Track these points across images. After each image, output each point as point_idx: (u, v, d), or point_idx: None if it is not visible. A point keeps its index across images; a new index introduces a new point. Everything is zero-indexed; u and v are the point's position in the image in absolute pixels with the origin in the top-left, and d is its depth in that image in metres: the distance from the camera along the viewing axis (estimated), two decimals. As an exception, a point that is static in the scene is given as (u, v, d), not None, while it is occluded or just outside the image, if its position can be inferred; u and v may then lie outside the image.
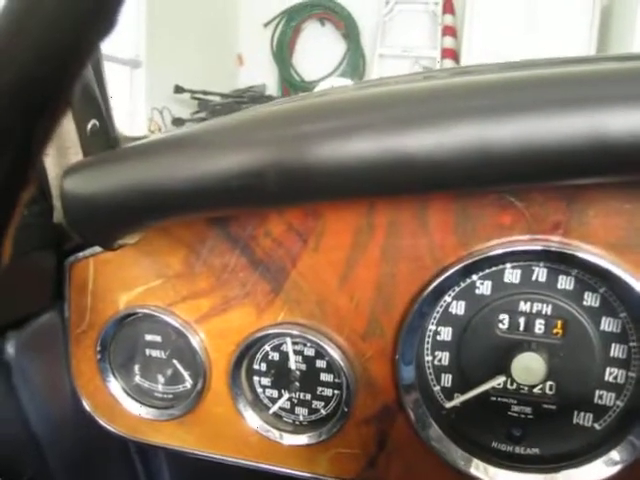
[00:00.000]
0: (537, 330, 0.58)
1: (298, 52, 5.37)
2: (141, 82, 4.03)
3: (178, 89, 4.18)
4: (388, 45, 4.92)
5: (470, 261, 0.57)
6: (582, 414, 0.60)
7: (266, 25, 5.31)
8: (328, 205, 0.59)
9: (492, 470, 0.62)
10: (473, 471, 0.62)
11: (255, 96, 4.67)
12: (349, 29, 5.10)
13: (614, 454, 0.59)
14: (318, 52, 5.24)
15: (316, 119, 0.48)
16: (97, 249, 0.68)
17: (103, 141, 0.68)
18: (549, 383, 0.60)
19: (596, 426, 0.60)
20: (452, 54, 4.75)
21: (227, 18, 5.16)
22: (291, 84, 5.27)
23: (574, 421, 0.61)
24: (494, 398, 0.62)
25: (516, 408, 0.62)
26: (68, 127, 0.64)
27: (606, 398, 0.59)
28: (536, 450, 0.63)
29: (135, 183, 0.52)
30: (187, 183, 0.50)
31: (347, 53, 5.18)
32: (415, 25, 4.93)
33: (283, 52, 5.28)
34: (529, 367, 0.56)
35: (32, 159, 0.28)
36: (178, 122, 3.98)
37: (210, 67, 4.81)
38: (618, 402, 0.59)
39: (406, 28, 4.92)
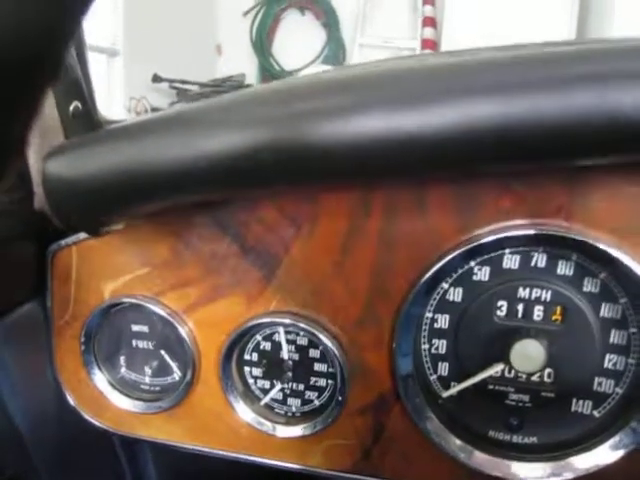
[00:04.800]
0: (536, 317, 0.57)
1: (278, 41, 5.31)
2: (118, 71, 3.96)
3: (156, 78, 4.12)
4: (368, 35, 4.90)
5: (469, 246, 0.55)
6: (581, 402, 0.60)
7: (245, 14, 5.25)
8: (323, 188, 0.57)
9: (490, 460, 0.61)
10: (471, 461, 0.61)
11: (234, 86, 4.61)
12: (329, 18, 5.07)
13: (614, 441, 0.58)
14: (298, 42, 5.19)
15: (315, 96, 0.46)
16: (80, 236, 0.65)
17: (85, 123, 0.65)
18: (548, 370, 0.59)
19: (595, 413, 0.59)
20: (432, 45, 4.74)
21: (206, 6, 5.09)
22: (271, 74, 5.22)
23: (573, 409, 0.60)
24: (492, 386, 0.61)
25: (514, 396, 0.61)
26: (49, 109, 0.61)
27: (605, 385, 0.58)
28: (534, 439, 0.62)
29: (122, 165, 0.50)
30: (177, 164, 0.48)
31: (327, 43, 5.15)
32: (395, 15, 4.91)
33: (262, 41, 5.23)
34: (528, 354, 0.55)
35: (20, 133, 0.26)
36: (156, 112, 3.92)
37: (189, 56, 4.74)
38: (617, 389, 0.58)
39: (386, 18, 4.90)
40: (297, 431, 0.66)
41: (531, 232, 0.54)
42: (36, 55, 0.24)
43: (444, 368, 0.62)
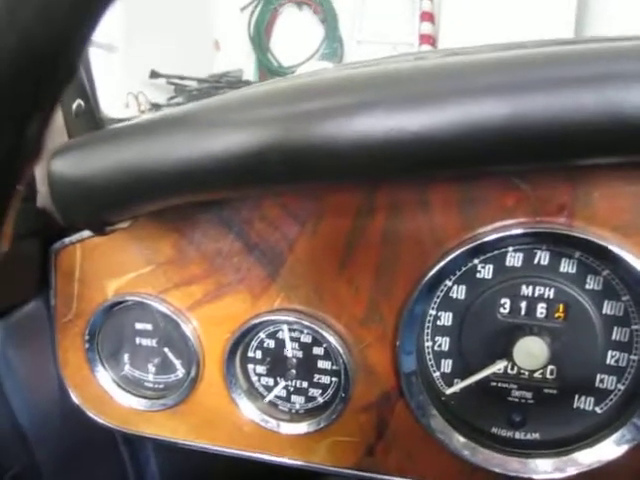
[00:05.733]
0: (539, 314, 0.58)
1: (275, 37, 5.30)
2: (116, 67, 3.95)
3: (154, 74, 4.10)
4: (366, 31, 4.89)
5: (472, 244, 0.55)
6: (583, 398, 0.60)
7: (243, 9, 5.24)
8: (328, 187, 0.57)
9: (494, 456, 0.62)
10: (474, 458, 0.61)
11: (232, 81, 4.60)
12: (327, 14, 5.06)
13: (617, 437, 0.59)
14: (295, 37, 5.18)
15: (321, 96, 0.46)
16: (84, 234, 0.66)
17: (89, 122, 0.65)
18: (550, 367, 0.59)
19: (597, 410, 0.60)
20: (430, 40, 4.74)
21: (203, 2, 5.08)
22: (268, 69, 5.21)
23: (575, 405, 0.60)
24: (494, 383, 0.61)
25: (516, 393, 0.61)
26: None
27: (607, 382, 0.59)
28: (536, 435, 0.62)
29: (127, 164, 0.50)
30: (183, 164, 0.48)
31: (325, 38, 5.14)
32: (393, 11, 4.90)
33: (260, 37, 5.21)
34: (531, 351, 0.56)
35: (39, 129, 0.26)
36: (156, 108, 3.92)
37: (186, 52, 4.72)
38: (619, 385, 0.59)
39: (384, 14, 4.89)
40: (301, 428, 0.67)
41: (534, 230, 0.54)
42: (60, 51, 0.25)
43: (447, 365, 0.62)
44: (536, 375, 0.60)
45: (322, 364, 0.66)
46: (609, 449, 0.59)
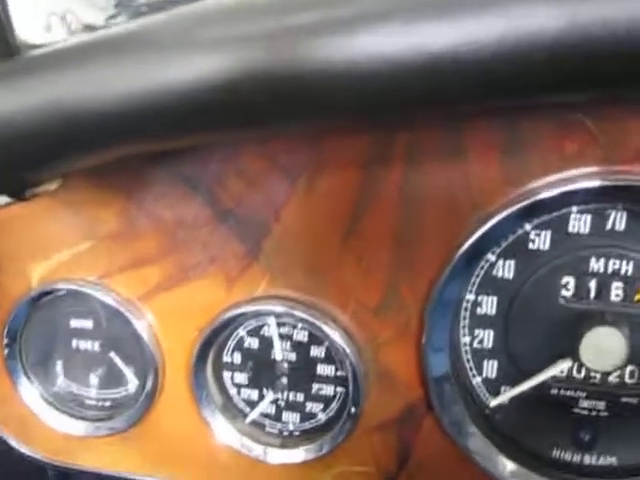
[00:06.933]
0: (614, 297, 0.58)
1: None
2: (34, -23, 3.90)
3: (87, -14, 4.07)
4: None
5: (523, 204, 0.55)
6: (675, 409, 0.61)
7: None
8: (326, 129, 0.57)
9: (554, 487, 0.62)
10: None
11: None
12: None
13: None
14: None
15: (312, 6, 0.46)
16: (0, 200, 0.65)
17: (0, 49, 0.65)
18: (629, 368, 0.59)
19: None
20: None
21: None
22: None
23: (663, 419, 0.61)
24: (555, 391, 0.62)
25: (585, 403, 0.61)
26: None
27: None
28: (612, 459, 0.63)
29: (53, 102, 0.50)
30: (130, 100, 0.48)
31: None
32: None
33: None
34: (603, 347, 0.56)
35: None
36: (90, 30, 3.86)
37: (131, -45, 4.67)
38: None
39: None
40: (297, 455, 0.67)
41: (606, 183, 0.54)
42: None
43: (491, 368, 0.63)
44: (611, 379, 0.60)
45: (323, 369, 0.66)
46: None
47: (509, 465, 0.63)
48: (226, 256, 0.63)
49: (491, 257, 0.59)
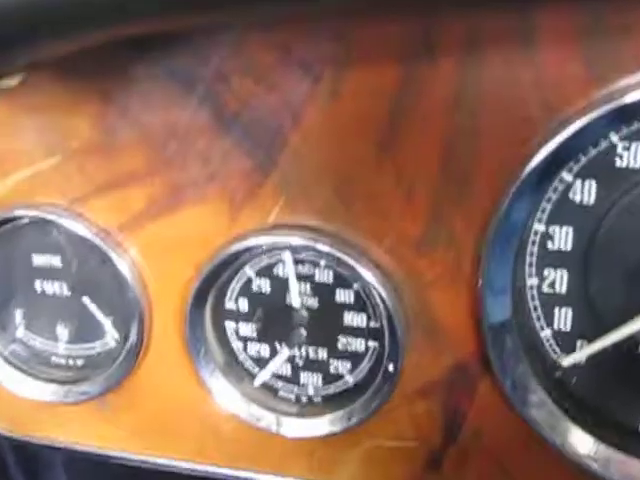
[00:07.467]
0: None
1: None
2: None
3: None
4: None
5: (608, 107, 0.51)
6: None
7: None
8: (356, 9, 0.52)
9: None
10: (609, 471, 0.59)
11: None
12: None
13: None
14: None
15: None
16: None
17: None
18: None
19: None
20: None
21: None
22: None
23: None
24: None
25: None
26: None
27: None
28: None
29: None
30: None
31: None
32: None
33: None
34: None
35: None
36: None
37: None
38: None
39: None
40: (318, 427, 0.65)
41: None
42: None
43: (564, 318, 0.60)
44: None
45: (351, 319, 0.63)
46: None
47: (586, 440, 0.60)
48: (230, 174, 0.60)
49: (567, 176, 0.56)
